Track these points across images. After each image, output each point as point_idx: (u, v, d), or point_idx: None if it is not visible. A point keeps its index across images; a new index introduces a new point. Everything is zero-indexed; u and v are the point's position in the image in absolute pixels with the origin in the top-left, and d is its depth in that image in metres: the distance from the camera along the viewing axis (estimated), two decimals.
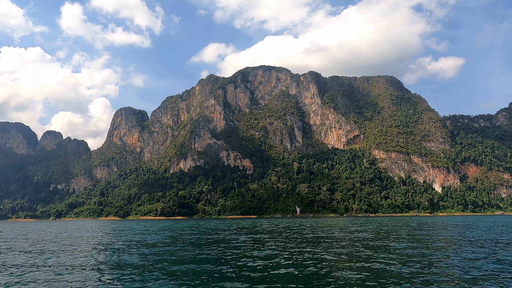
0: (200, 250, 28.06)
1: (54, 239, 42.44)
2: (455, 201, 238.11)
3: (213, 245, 32.05)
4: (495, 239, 34.60)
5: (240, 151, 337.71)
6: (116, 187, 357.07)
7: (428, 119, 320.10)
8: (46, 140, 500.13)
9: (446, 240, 35.03)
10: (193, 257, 24.04)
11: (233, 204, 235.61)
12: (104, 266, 20.93)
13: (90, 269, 19.83)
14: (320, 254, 25.03)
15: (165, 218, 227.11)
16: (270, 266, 20.17)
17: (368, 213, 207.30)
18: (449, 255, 24.00)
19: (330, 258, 22.87)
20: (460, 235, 41.34)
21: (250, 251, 26.85)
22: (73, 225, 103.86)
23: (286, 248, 28.27)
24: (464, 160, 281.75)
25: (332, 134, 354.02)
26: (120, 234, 50.49)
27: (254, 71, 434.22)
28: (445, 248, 27.92)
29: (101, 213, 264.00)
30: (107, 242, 37.81)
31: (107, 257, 24.73)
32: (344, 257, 23.64)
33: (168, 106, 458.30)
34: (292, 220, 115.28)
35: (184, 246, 31.78)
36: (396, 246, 29.57)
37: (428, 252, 25.25)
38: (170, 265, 20.68)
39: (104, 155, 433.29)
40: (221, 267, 19.70)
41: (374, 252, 25.56)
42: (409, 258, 22.19)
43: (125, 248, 30.69)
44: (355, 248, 28.56)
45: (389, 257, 22.97)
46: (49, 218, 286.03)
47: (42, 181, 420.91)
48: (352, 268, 19.36)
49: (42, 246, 33.34)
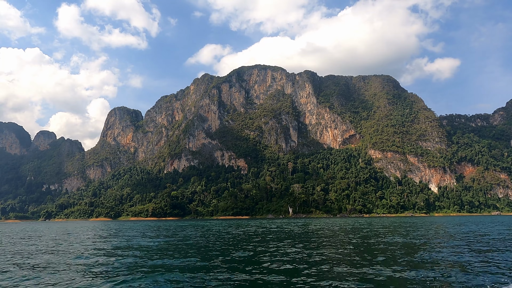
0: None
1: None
2: (451, 201, 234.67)
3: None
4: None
5: (235, 151, 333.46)
6: (109, 188, 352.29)
7: (424, 118, 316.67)
8: (40, 140, 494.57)
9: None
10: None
11: (226, 204, 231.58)
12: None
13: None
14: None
15: (156, 219, 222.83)
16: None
17: (362, 213, 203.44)
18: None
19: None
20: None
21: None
22: (53, 227, 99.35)
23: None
24: (460, 160, 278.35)
25: (328, 133, 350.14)
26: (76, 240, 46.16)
27: (249, 70, 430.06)
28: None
29: (91, 214, 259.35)
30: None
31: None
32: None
33: (162, 105, 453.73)
34: (280, 221, 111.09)
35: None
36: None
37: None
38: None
39: (98, 155, 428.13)
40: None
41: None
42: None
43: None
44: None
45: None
46: (39, 219, 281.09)
47: (34, 182, 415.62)
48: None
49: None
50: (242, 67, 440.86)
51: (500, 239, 34.52)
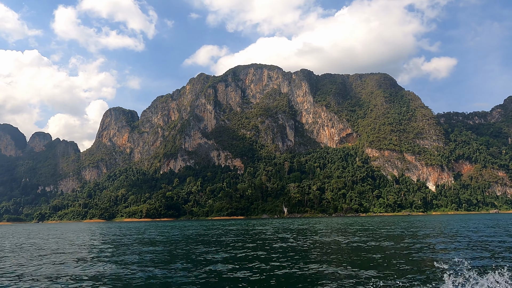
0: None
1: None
2: (449, 199, 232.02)
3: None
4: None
5: (231, 151, 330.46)
6: (104, 189, 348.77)
7: (422, 116, 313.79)
8: (35, 141, 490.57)
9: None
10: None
11: (221, 205, 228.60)
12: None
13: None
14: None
15: (150, 220, 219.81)
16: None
17: (358, 212, 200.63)
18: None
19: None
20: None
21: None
22: (38, 230, 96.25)
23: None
24: (458, 157, 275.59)
25: (325, 132, 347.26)
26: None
27: (246, 69, 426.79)
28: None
29: (85, 216, 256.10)
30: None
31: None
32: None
33: (158, 105, 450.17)
34: (271, 222, 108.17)
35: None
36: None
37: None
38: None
39: (93, 156, 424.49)
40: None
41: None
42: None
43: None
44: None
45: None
46: (32, 221, 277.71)
47: (30, 183, 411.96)
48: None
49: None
50: (238, 66, 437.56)
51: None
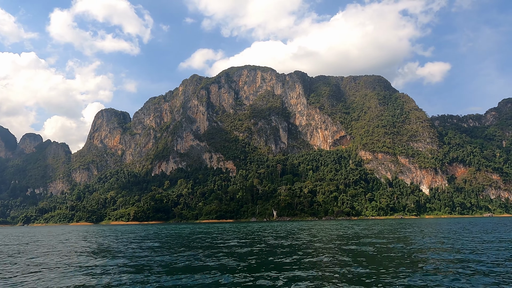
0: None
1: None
2: (443, 203, 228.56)
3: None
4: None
5: (224, 153, 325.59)
6: (95, 191, 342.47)
7: (416, 119, 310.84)
8: (26, 143, 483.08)
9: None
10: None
11: (210, 207, 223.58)
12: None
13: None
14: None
15: (138, 223, 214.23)
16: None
17: (350, 216, 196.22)
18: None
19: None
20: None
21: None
22: (10, 233, 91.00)
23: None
24: (452, 160, 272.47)
25: (318, 134, 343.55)
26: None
27: (239, 71, 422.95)
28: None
29: (72, 218, 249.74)
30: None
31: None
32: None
33: (151, 107, 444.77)
34: (255, 226, 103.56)
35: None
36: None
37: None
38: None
39: (84, 158, 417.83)
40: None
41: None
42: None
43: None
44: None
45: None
46: (17, 224, 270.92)
47: (19, 185, 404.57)
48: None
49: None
50: (232, 68, 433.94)
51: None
